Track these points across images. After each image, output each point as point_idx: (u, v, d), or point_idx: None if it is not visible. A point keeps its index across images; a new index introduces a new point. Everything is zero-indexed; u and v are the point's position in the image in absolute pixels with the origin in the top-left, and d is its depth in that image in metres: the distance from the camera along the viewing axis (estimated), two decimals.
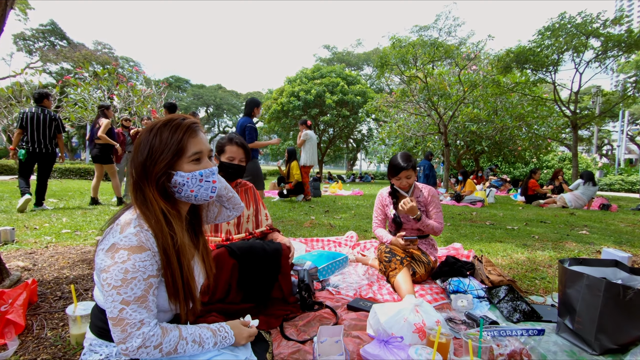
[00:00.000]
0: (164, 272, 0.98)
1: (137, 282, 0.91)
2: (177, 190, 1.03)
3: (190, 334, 0.99)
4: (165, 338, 0.94)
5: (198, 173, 1.03)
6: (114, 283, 0.90)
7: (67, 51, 25.98)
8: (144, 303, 0.92)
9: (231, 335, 1.07)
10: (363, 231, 4.08)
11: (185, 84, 39.81)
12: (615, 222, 5.56)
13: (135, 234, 0.93)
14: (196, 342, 0.99)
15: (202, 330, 1.03)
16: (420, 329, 1.47)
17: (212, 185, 1.06)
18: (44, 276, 2.23)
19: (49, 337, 1.50)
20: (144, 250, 0.93)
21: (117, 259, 0.91)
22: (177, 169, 1.01)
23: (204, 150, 1.06)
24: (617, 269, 1.73)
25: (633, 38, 9.37)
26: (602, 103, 20.12)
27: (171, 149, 0.99)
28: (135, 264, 0.91)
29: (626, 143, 30.73)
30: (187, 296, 1.02)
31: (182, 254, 1.01)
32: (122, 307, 0.90)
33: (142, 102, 13.12)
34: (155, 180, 0.99)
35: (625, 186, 17.54)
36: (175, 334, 0.97)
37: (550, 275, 2.55)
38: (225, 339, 1.06)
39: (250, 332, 1.15)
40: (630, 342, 1.46)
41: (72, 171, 13.39)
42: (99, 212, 4.97)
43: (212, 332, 1.04)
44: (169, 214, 1.00)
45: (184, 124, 1.03)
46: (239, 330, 1.11)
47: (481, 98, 12.10)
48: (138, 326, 0.90)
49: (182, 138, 1.01)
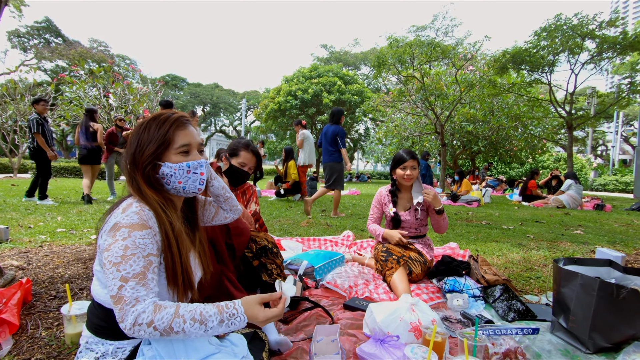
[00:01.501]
0: (164, 255, 0.99)
1: (136, 258, 0.91)
2: (166, 181, 1.05)
3: (188, 311, 0.90)
4: (157, 315, 0.88)
5: (185, 164, 1.05)
6: (114, 260, 0.91)
7: (63, 49, 25.77)
8: (142, 280, 0.91)
9: (241, 312, 0.93)
10: (360, 230, 4.09)
11: (182, 83, 39.59)
12: (609, 222, 5.61)
13: (137, 212, 0.96)
14: (196, 320, 0.89)
15: (206, 306, 0.92)
16: (416, 327, 1.47)
17: (200, 177, 1.08)
18: (39, 275, 2.21)
19: (43, 337, 1.49)
20: (145, 228, 0.95)
21: (118, 236, 0.92)
22: (165, 159, 1.04)
23: (193, 143, 1.08)
24: (611, 268, 1.74)
25: (628, 40, 9.45)
26: (597, 104, 20.24)
27: (157, 140, 1.03)
28: (136, 241, 0.92)
29: (620, 144, 31.00)
30: (186, 284, 1.03)
31: (180, 240, 1.02)
32: (121, 284, 0.90)
33: (139, 100, 13.05)
34: (142, 169, 1.02)
35: (619, 186, 17.73)
36: (170, 310, 0.89)
37: (545, 274, 2.57)
38: (233, 317, 0.92)
39: (269, 314, 0.97)
40: (624, 340, 1.48)
41: (67, 169, 13.30)
42: (94, 210, 4.94)
43: (217, 308, 0.93)
44: (162, 203, 1.02)
45: (172, 118, 1.06)
46: (253, 311, 0.95)
47: (477, 98, 12.15)
48: (133, 304, 0.89)
49: (169, 130, 1.04)
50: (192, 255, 1.14)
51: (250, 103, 36.18)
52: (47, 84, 18.97)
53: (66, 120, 13.43)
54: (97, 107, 12.42)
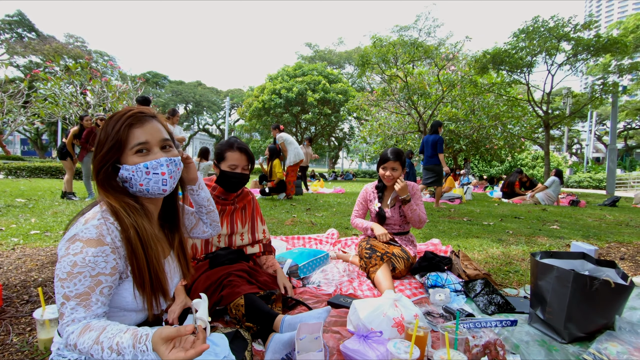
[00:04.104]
0: (129, 261, 0.94)
1: (82, 277, 0.86)
2: (128, 185, 0.99)
3: (108, 338, 0.82)
4: (80, 339, 0.83)
5: (142, 165, 0.97)
6: (60, 275, 0.86)
7: (36, 44, 24.75)
8: (84, 301, 0.87)
9: (150, 349, 0.80)
10: (344, 228, 4.10)
11: (163, 80, 38.73)
12: (583, 217, 5.83)
13: (96, 227, 0.90)
14: (113, 349, 0.81)
15: (123, 336, 0.82)
16: (399, 323, 1.49)
17: (161, 178, 0.99)
18: (10, 279, 2.12)
19: (15, 343, 1.43)
20: (100, 245, 0.89)
21: (70, 250, 0.87)
22: (123, 162, 0.98)
23: (152, 141, 0.99)
24: (585, 260, 1.81)
25: (601, 43, 9.85)
26: (572, 104, 21.01)
27: (112, 142, 0.96)
28: (86, 259, 0.87)
29: (594, 142, 32.28)
30: (156, 290, 0.99)
31: (148, 246, 0.96)
32: (62, 301, 0.86)
33: (118, 98, 12.66)
34: (99, 172, 0.97)
35: (593, 183, 18.48)
36: (92, 335, 0.83)
37: (523, 268, 2.64)
38: (144, 353, 0.81)
39: (172, 357, 0.79)
40: (597, 330, 1.54)
41: (42, 170, 12.81)
42: (70, 211, 4.77)
43: (133, 339, 0.81)
44: (128, 207, 0.96)
45: (126, 115, 0.98)
46: (159, 350, 0.80)
47: (459, 98, 12.41)
48: (68, 323, 0.86)
49: (121, 129, 0.96)
50: (170, 259, 1.11)
51: (234, 101, 35.76)
52: (19, 80, 18.19)
53: (41, 118, 12.91)
54: (73, 104, 12.02)
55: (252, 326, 1.46)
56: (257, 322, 1.45)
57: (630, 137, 34.59)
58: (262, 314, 1.46)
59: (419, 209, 2.45)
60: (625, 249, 3.45)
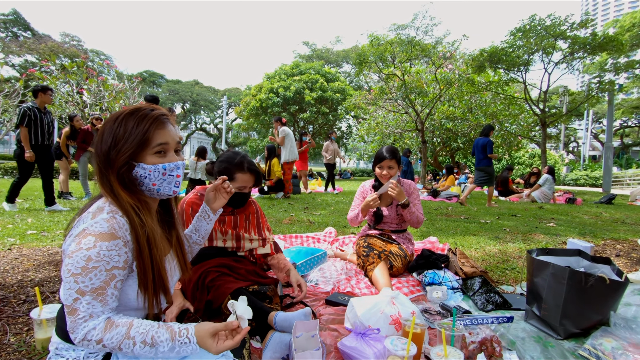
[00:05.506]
0: (136, 261, 0.94)
1: (97, 272, 0.86)
2: (139, 182, 0.98)
3: (140, 333, 0.86)
4: (107, 334, 0.85)
5: (161, 166, 0.98)
6: (73, 270, 0.85)
7: (32, 43, 24.55)
8: (100, 295, 0.87)
9: (194, 342, 0.89)
10: (342, 227, 4.11)
11: (160, 79, 38.52)
12: (580, 214, 5.87)
13: (107, 220, 0.90)
14: (147, 343, 0.85)
15: (159, 330, 0.88)
16: (396, 320, 1.50)
17: (175, 180, 1.01)
18: (7, 279, 2.11)
19: (12, 343, 1.42)
20: (113, 239, 0.88)
21: (82, 244, 0.86)
22: (140, 160, 0.97)
23: (171, 143, 1.01)
24: (580, 257, 1.82)
25: (597, 41, 9.88)
26: (568, 102, 21.12)
27: (136, 139, 0.95)
28: (100, 252, 0.86)
29: (590, 141, 32.45)
30: (158, 289, 0.99)
31: (153, 245, 0.97)
32: (76, 297, 0.85)
33: (114, 97, 12.60)
34: (117, 170, 0.95)
35: (589, 181, 18.59)
36: (121, 330, 0.86)
37: (520, 265, 2.66)
38: (185, 345, 0.88)
39: (221, 348, 0.91)
40: (591, 326, 1.55)
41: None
42: (67, 211, 4.75)
43: (170, 333, 0.88)
44: (136, 205, 0.96)
45: (152, 115, 0.98)
46: (205, 344, 0.90)
47: (456, 96, 12.42)
48: (86, 318, 0.86)
49: (149, 129, 0.96)
50: (170, 257, 1.11)
51: (231, 100, 35.67)
52: (15, 79, 18.07)
53: None
54: (69, 104, 11.95)
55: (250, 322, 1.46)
56: (252, 318, 1.46)
57: (626, 135, 34.78)
58: (254, 311, 1.46)
59: (416, 210, 2.45)
60: (621, 246, 3.48)
